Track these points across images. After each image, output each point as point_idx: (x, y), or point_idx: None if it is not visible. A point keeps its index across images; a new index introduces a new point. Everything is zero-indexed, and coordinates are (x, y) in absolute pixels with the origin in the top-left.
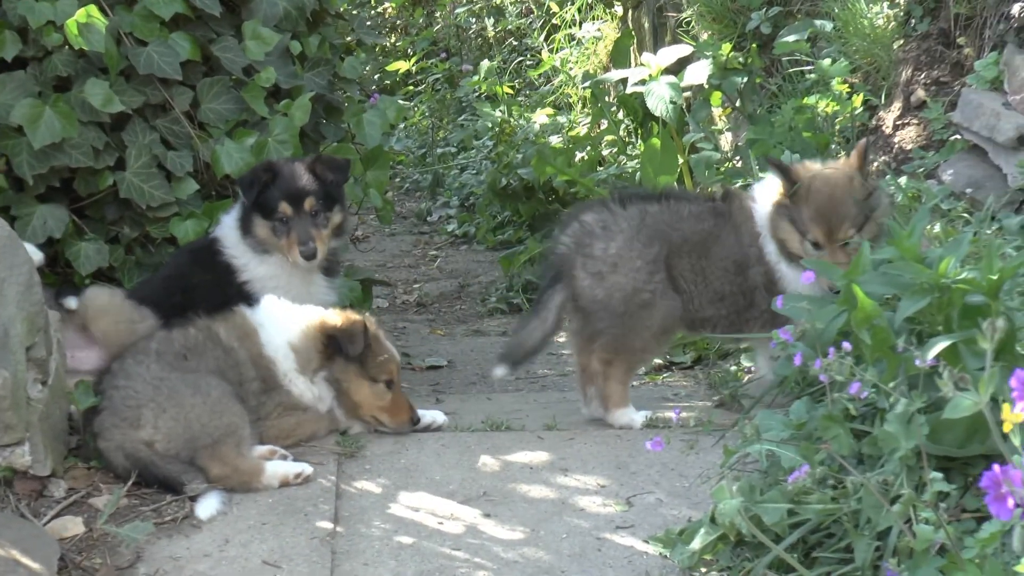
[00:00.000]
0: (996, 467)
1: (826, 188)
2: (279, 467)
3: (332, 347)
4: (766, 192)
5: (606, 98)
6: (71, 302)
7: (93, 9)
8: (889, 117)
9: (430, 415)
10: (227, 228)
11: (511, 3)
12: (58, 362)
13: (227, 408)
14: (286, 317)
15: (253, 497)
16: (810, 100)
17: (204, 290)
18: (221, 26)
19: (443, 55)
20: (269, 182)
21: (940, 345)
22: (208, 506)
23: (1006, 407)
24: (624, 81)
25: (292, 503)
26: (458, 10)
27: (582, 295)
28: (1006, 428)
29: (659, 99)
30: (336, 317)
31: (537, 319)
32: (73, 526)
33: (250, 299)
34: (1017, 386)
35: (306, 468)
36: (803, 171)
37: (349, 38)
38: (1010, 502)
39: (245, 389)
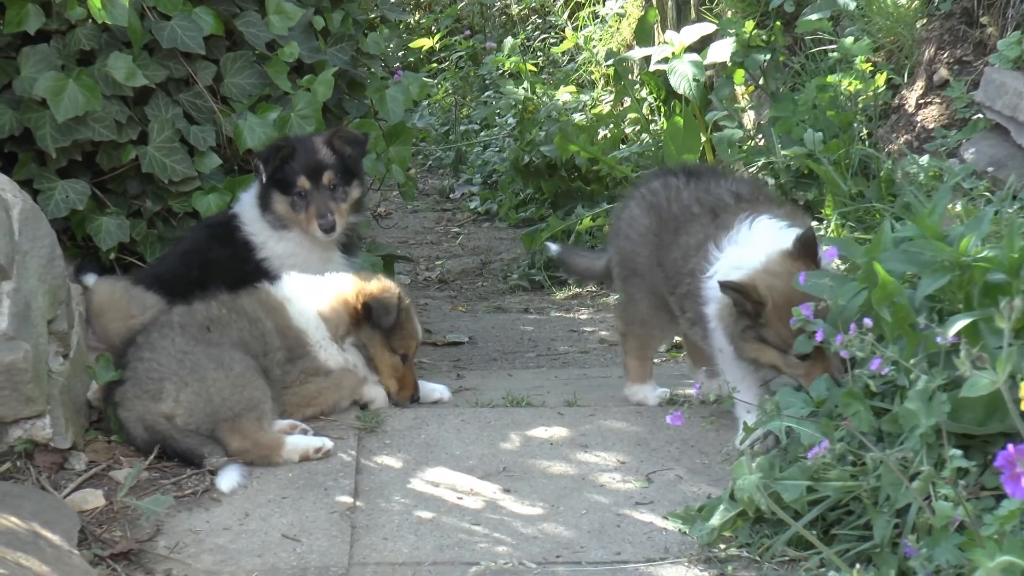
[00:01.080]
0: (1011, 446)
1: (792, 301)
2: (299, 441)
3: (365, 314)
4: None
5: (629, 76)
6: (89, 279)
7: None
8: (912, 96)
9: (438, 390)
10: (246, 205)
11: None
12: (79, 335)
13: (249, 382)
14: (313, 288)
15: (273, 471)
16: (833, 78)
17: (221, 266)
18: (244, 0)
19: (467, 33)
20: (287, 157)
21: (960, 323)
22: (229, 479)
23: (1023, 385)
24: (647, 59)
25: (312, 477)
26: None
27: None
28: (1022, 406)
29: (682, 77)
30: (373, 284)
31: (595, 254)
32: (93, 499)
33: (268, 276)
34: None
35: (326, 443)
36: (761, 287)
37: (372, 14)
38: None
39: (270, 359)
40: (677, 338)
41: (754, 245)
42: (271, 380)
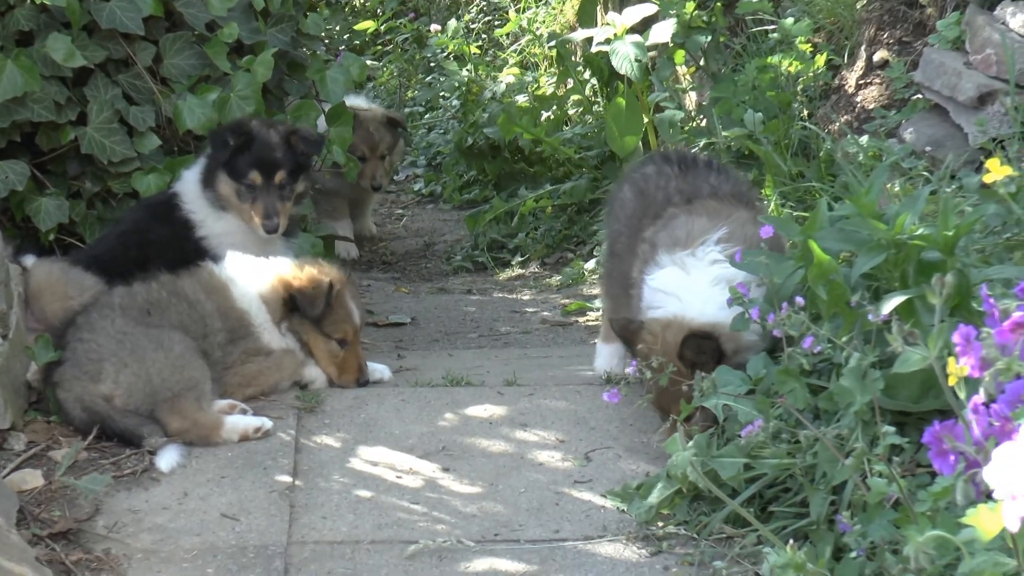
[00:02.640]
0: (937, 423)
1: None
2: (239, 421)
3: (292, 304)
4: None
5: (572, 58)
6: (28, 260)
7: None
8: (852, 76)
9: (379, 370)
10: (188, 183)
11: None
12: (18, 316)
13: (189, 363)
14: (255, 270)
15: (212, 451)
16: (773, 59)
17: (161, 246)
18: None
19: (412, 15)
20: (243, 146)
21: (894, 300)
22: (168, 458)
23: (951, 360)
24: (590, 40)
25: (251, 457)
26: None
27: None
28: (951, 381)
29: (624, 58)
30: (300, 276)
31: None
32: (32, 479)
33: (207, 255)
34: (961, 341)
35: (266, 422)
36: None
37: None
38: (951, 457)
39: (210, 342)
40: None
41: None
42: (211, 361)
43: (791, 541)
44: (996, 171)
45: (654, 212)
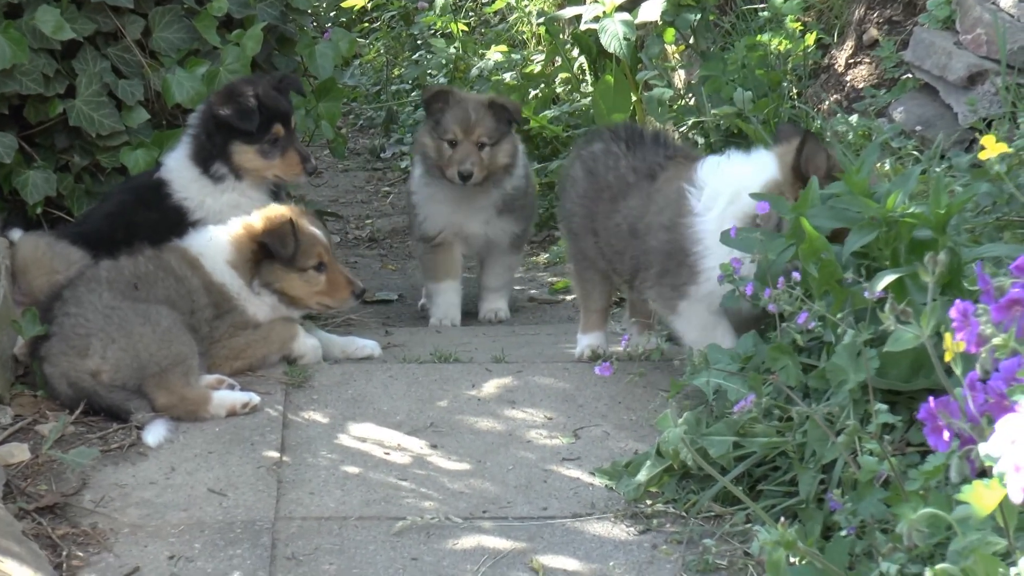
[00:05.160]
0: (932, 399)
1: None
2: (226, 396)
3: (261, 253)
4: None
5: (560, 35)
6: (15, 234)
7: None
8: (841, 56)
9: (368, 346)
10: (176, 168)
11: None
12: (5, 289)
13: (176, 338)
14: (218, 238)
15: (200, 426)
16: (763, 38)
17: (149, 228)
18: None
19: None
20: (254, 105)
21: (887, 278)
22: (156, 433)
23: (947, 336)
24: (578, 18)
25: (239, 432)
26: None
27: None
28: (947, 357)
29: (612, 36)
30: (258, 219)
31: None
32: (19, 452)
33: None
34: (958, 316)
35: (253, 397)
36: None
37: None
38: (946, 434)
39: (197, 318)
40: None
41: (741, 166)
42: (199, 337)
43: (781, 519)
44: (992, 148)
45: (609, 195)
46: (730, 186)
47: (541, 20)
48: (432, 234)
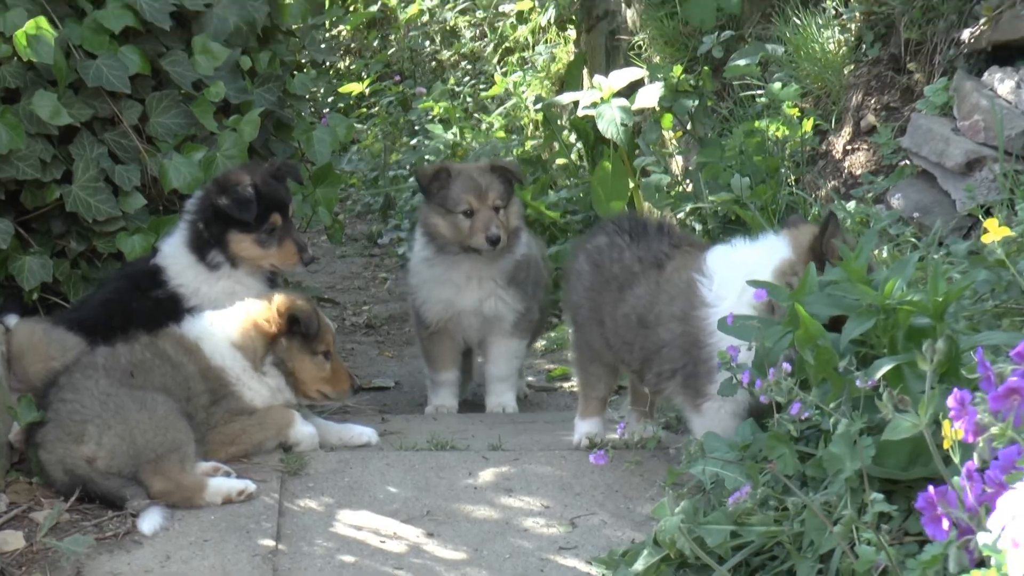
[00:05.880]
0: (931, 488)
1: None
2: (222, 484)
3: (290, 326)
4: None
5: (558, 121)
6: (11, 320)
7: (43, 21)
8: (839, 142)
9: (366, 434)
10: (172, 255)
11: (465, 27)
12: (1, 375)
13: (172, 424)
14: (219, 321)
15: (195, 514)
16: (761, 124)
17: (145, 315)
18: (171, 40)
19: (397, 78)
20: (252, 195)
21: (884, 367)
22: (151, 521)
23: (946, 424)
24: (576, 104)
25: (234, 520)
26: (412, 32)
27: None
28: (945, 444)
29: (610, 122)
30: (282, 299)
31: None
32: (14, 540)
33: None
34: (955, 405)
35: (249, 485)
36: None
37: (301, 57)
38: (945, 523)
39: (193, 404)
40: None
41: (750, 252)
42: (195, 423)
43: None
44: (995, 231)
45: (616, 286)
46: (741, 274)
47: (539, 106)
48: (431, 320)
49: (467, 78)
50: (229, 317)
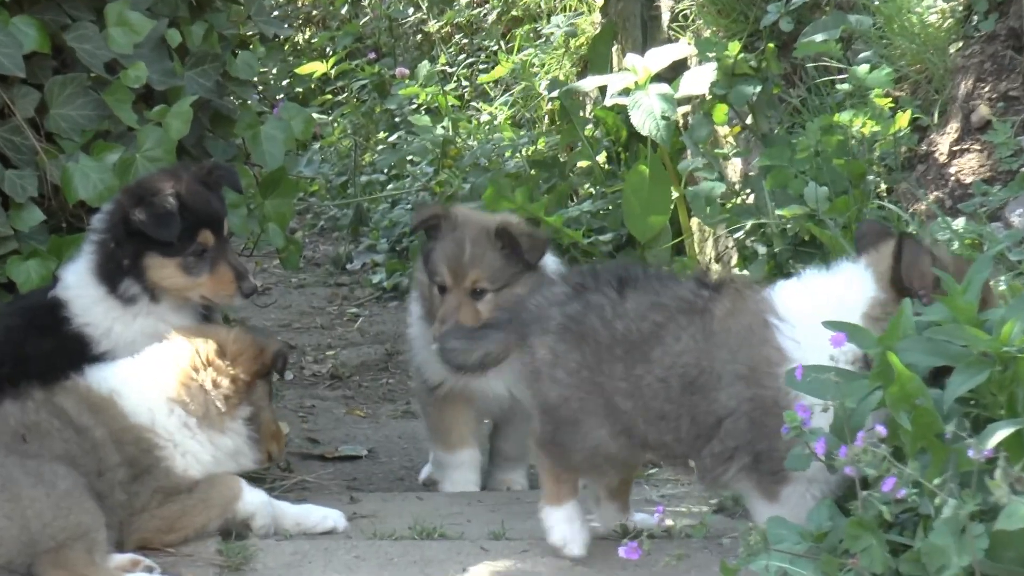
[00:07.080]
0: None
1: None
2: None
3: (274, 368)
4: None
5: (580, 113)
6: None
7: None
8: (944, 141)
9: (331, 518)
10: (77, 286)
11: None
12: None
13: (77, 504)
14: (151, 369)
15: None
16: (842, 117)
17: (41, 362)
18: (77, 9)
19: (371, 55)
20: (177, 207)
21: (1001, 433)
22: None
23: None
24: (603, 90)
25: None
26: None
27: None
28: None
29: (647, 114)
30: (255, 344)
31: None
32: None
33: None
34: None
35: None
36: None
37: (247, 30)
38: None
39: (107, 480)
40: None
41: (831, 285)
42: (108, 505)
43: None
44: None
45: (624, 348)
46: (828, 316)
47: (555, 93)
48: (436, 382)
49: (462, 56)
50: (163, 363)
